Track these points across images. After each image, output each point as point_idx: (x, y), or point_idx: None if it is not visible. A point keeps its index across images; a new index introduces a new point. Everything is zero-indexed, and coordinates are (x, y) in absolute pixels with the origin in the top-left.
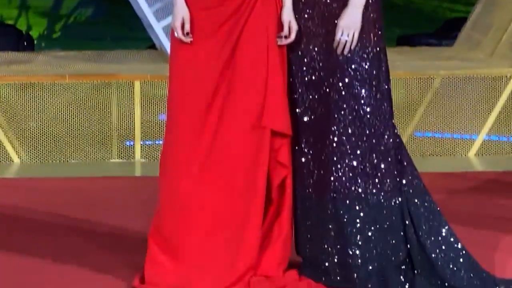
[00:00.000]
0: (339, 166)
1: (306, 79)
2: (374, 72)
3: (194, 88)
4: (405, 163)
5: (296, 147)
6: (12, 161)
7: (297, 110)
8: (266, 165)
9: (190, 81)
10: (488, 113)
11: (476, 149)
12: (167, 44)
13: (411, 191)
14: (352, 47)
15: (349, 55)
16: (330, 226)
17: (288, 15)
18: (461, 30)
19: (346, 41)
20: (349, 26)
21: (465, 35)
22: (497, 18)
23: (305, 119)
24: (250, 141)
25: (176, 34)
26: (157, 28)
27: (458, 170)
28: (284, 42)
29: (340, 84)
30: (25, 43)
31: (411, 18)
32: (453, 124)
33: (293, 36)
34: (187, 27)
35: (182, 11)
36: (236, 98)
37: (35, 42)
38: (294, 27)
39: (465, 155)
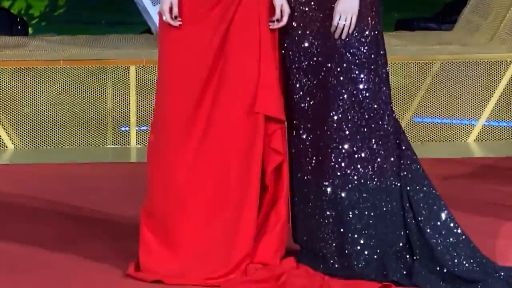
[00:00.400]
0: (338, 151)
1: (304, 64)
2: (372, 56)
3: (186, 75)
4: (403, 148)
5: (294, 133)
6: (6, 147)
7: (295, 96)
8: (261, 152)
9: (182, 66)
10: (488, 98)
11: (476, 134)
12: None
13: (410, 175)
14: (350, 32)
15: (347, 39)
16: (328, 213)
17: None
18: (461, 14)
19: (344, 25)
20: (346, 11)
21: (465, 19)
22: (497, 1)
23: (303, 105)
24: (244, 127)
25: (164, 18)
26: (153, 12)
27: (458, 156)
28: (276, 26)
29: (339, 69)
30: (19, 27)
31: (410, 2)
32: (452, 109)
33: (285, 19)
34: (175, 10)
35: None
36: (229, 85)
37: (35, 21)
38: (286, 10)
39: (465, 141)
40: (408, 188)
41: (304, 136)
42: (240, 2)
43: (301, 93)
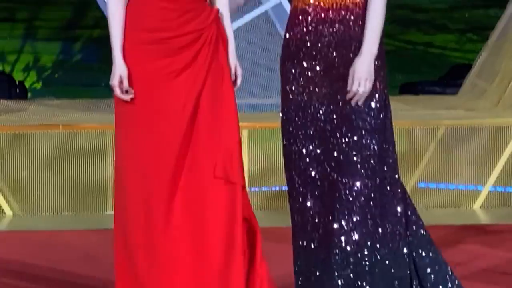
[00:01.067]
0: (349, 219)
1: (310, 130)
2: (381, 121)
3: (159, 144)
4: (409, 213)
5: (300, 200)
6: (4, 213)
7: (301, 163)
8: (241, 218)
9: (156, 135)
10: (494, 164)
11: (482, 201)
12: None
13: (415, 241)
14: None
15: (357, 105)
16: (338, 282)
17: (234, 58)
18: (466, 78)
19: (362, 92)
20: (365, 77)
21: (470, 83)
22: (503, 65)
23: (311, 171)
24: (224, 193)
25: (115, 92)
26: None
27: (464, 222)
28: (234, 87)
29: (349, 135)
30: (17, 91)
31: (414, 64)
32: (457, 175)
33: (239, 81)
34: (126, 84)
35: (119, 69)
36: (201, 149)
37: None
38: (239, 71)
39: (470, 207)
40: (414, 254)
41: (310, 203)
42: (209, 69)
43: (307, 159)
